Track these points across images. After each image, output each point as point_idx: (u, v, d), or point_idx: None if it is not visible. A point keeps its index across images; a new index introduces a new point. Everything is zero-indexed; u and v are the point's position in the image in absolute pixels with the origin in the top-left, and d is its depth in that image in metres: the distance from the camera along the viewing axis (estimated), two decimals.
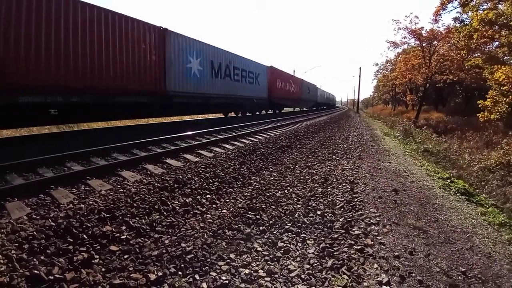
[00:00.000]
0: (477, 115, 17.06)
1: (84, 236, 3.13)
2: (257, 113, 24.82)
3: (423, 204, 5.44)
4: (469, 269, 3.37)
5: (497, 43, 18.07)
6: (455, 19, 24.80)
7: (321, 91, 54.89)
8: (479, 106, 16.59)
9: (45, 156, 5.67)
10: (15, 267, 2.53)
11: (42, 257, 2.72)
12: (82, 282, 2.49)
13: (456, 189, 6.75)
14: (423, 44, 31.43)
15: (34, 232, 3.03)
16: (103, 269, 2.71)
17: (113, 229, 3.34)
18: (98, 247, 3.02)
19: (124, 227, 3.44)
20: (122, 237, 3.24)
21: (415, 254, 3.55)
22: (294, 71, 49.46)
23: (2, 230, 3.06)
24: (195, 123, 15.66)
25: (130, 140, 7.74)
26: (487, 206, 6.16)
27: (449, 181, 7.42)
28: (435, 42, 30.51)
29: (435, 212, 5.11)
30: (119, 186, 4.73)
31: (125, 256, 2.94)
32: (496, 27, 15.43)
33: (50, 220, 3.31)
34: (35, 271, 2.47)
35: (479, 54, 20.66)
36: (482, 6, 17.17)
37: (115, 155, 6.64)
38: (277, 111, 30.12)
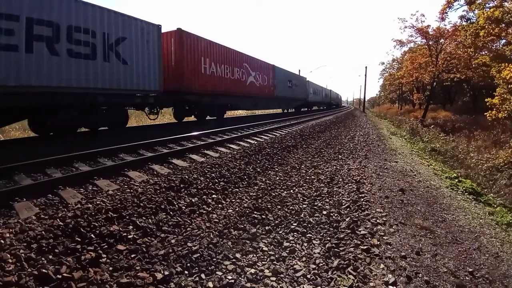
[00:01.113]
0: (485, 113, 16.90)
1: (92, 235, 3.16)
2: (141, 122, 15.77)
3: (430, 204, 5.40)
4: (476, 269, 3.34)
5: (504, 40, 17.88)
6: (461, 17, 24.62)
7: (314, 86, 42.29)
8: (487, 104, 16.43)
9: (53, 157, 5.73)
10: (23, 266, 2.55)
11: (50, 256, 2.75)
12: (90, 281, 2.52)
13: (463, 188, 6.69)
14: (430, 43, 31.27)
15: (43, 232, 3.06)
16: (111, 268, 2.73)
17: (120, 229, 3.37)
18: (106, 246, 3.05)
19: (131, 227, 3.47)
20: (129, 236, 3.27)
21: (422, 254, 3.53)
22: (299, 70, 47.76)
23: (11, 230, 3.10)
24: None
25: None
26: (495, 205, 6.10)
27: (456, 180, 7.36)
28: (442, 40, 30.34)
29: (443, 212, 5.07)
30: (126, 186, 4.77)
31: (132, 255, 2.97)
32: (503, 25, 15.29)
33: (58, 219, 3.34)
34: (43, 270, 2.50)
35: (486, 52, 20.46)
36: (489, 4, 17.02)
37: (122, 155, 6.69)
38: (212, 118, 16.92)
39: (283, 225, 4.02)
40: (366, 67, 55.80)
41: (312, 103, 41.27)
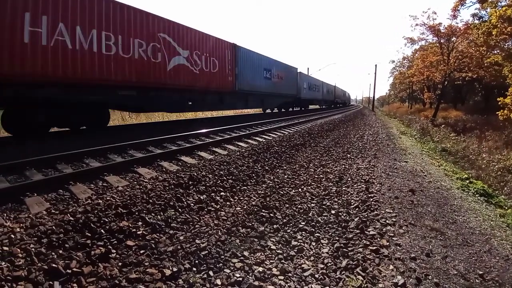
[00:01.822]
0: (497, 113, 16.65)
1: (102, 231, 3.19)
2: None
3: (440, 205, 5.33)
4: (486, 272, 3.29)
5: None
6: (473, 15, 24.28)
7: (310, 80, 33.78)
8: (499, 104, 16.19)
9: (64, 153, 5.79)
10: (34, 261, 2.58)
11: (61, 251, 2.78)
12: (99, 276, 2.54)
13: (474, 190, 6.59)
14: (441, 41, 30.83)
15: (53, 227, 3.10)
16: (120, 264, 2.76)
17: (130, 225, 3.39)
18: (115, 242, 3.07)
19: (140, 223, 3.49)
20: (138, 232, 3.29)
21: (432, 256, 3.49)
22: (308, 69, 47.09)
23: (21, 225, 3.14)
24: None
25: None
26: (506, 207, 6.00)
27: (467, 181, 7.25)
28: (453, 39, 29.93)
29: (453, 213, 5.00)
30: (135, 182, 4.80)
31: (141, 251, 2.99)
32: None
33: (68, 215, 3.38)
34: (53, 265, 2.53)
35: (498, 51, 20.11)
36: (501, 2, 16.72)
37: (131, 152, 6.73)
38: (81, 127, 9.60)
39: (291, 224, 4.00)
40: (376, 65, 55.04)
41: (307, 100, 32.84)
